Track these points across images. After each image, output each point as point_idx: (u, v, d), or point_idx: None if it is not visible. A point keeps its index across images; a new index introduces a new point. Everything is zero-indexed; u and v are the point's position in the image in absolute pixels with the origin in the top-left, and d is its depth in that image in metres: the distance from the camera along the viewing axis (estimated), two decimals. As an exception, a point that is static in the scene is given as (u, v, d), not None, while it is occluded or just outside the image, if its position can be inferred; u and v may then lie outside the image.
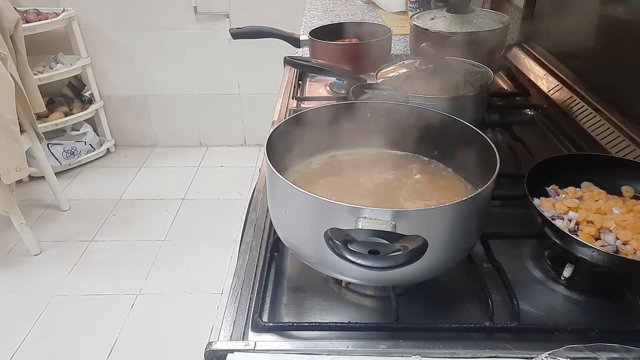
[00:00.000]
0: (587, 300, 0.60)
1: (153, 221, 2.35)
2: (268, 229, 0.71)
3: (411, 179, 0.68)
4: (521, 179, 0.64)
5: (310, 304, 0.60)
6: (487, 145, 0.59)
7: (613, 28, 0.96)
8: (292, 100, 1.13)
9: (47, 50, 2.60)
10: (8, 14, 1.88)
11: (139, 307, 1.86)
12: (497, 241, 0.67)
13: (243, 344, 0.52)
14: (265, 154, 0.57)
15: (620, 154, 0.84)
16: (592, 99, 0.98)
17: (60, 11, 2.42)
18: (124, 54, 2.70)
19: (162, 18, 2.59)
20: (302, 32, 1.38)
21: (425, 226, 0.48)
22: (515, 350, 0.52)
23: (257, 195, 0.79)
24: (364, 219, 0.47)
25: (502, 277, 0.60)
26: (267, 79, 2.70)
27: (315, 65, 1.11)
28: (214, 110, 2.89)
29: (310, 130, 0.68)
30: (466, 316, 0.58)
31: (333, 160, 0.72)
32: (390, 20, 1.70)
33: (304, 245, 0.57)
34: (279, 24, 1.32)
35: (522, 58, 1.27)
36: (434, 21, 1.19)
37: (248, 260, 0.65)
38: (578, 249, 0.56)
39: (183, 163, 2.83)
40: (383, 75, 0.93)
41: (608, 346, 0.49)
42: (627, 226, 0.59)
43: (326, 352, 0.52)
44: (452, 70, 0.92)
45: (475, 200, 0.51)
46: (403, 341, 0.53)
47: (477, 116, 0.91)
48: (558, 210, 0.63)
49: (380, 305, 0.60)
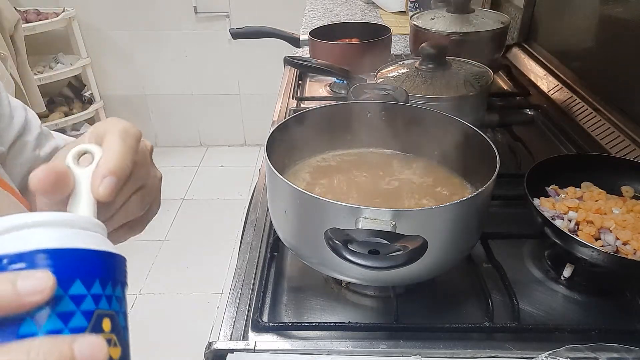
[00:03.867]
0: (587, 300, 0.60)
1: (153, 221, 2.32)
2: (268, 229, 0.70)
3: (411, 179, 0.68)
4: (521, 179, 0.64)
5: (310, 304, 0.60)
6: (487, 145, 0.59)
7: (613, 28, 0.96)
8: (292, 100, 1.13)
9: (47, 50, 2.59)
10: (8, 14, 1.89)
11: (139, 307, 1.86)
12: (497, 241, 0.67)
13: (243, 344, 0.52)
14: (265, 154, 0.57)
15: (620, 154, 0.84)
16: (592, 99, 0.98)
17: (60, 11, 2.42)
18: (124, 54, 2.70)
19: (162, 18, 2.59)
20: (302, 32, 1.38)
21: (425, 226, 0.48)
22: (515, 350, 0.52)
23: (257, 195, 0.79)
24: (364, 219, 0.47)
25: (502, 277, 0.60)
26: (267, 79, 2.70)
27: (315, 65, 1.11)
28: (214, 110, 2.89)
29: (310, 130, 0.68)
30: (466, 316, 0.58)
31: (333, 160, 0.72)
32: (390, 20, 1.70)
33: (304, 245, 0.57)
34: (279, 24, 1.32)
35: (522, 58, 1.27)
36: (434, 21, 1.19)
37: (248, 260, 0.65)
38: (578, 249, 0.56)
39: (183, 163, 2.83)
40: (383, 75, 0.93)
41: (608, 346, 0.49)
42: (627, 226, 0.59)
43: (326, 352, 0.52)
44: (452, 70, 0.92)
45: (475, 200, 0.51)
46: (403, 341, 0.53)
47: (477, 116, 0.91)
48: (558, 210, 0.63)
49: (380, 305, 0.60)
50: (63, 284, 0.24)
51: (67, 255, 0.25)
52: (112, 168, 0.31)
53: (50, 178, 0.30)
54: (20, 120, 0.53)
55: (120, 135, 0.33)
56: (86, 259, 0.26)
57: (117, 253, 0.28)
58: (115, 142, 0.32)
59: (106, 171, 0.31)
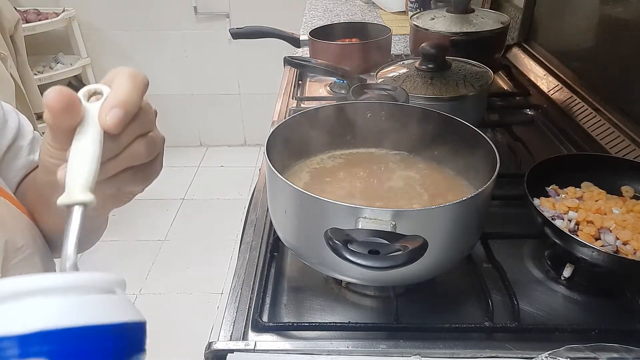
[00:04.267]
0: (587, 300, 0.60)
1: (153, 221, 2.35)
2: (268, 229, 0.70)
3: (411, 179, 0.68)
4: (521, 179, 0.64)
5: (310, 304, 0.60)
6: (487, 145, 0.59)
7: (613, 28, 0.96)
8: (292, 100, 1.13)
9: (47, 50, 2.59)
10: (8, 14, 1.89)
11: (139, 307, 1.85)
12: (497, 241, 0.67)
13: (243, 344, 0.52)
14: (265, 154, 0.57)
15: (620, 154, 0.83)
16: (592, 99, 0.98)
17: (60, 11, 2.42)
18: (124, 54, 2.69)
19: (162, 18, 2.59)
20: (302, 32, 1.38)
21: (425, 226, 0.48)
22: (515, 350, 0.52)
23: (257, 195, 0.79)
24: (364, 219, 0.47)
25: (502, 277, 0.60)
26: (267, 79, 2.69)
27: (315, 65, 1.11)
28: (214, 110, 2.89)
29: (310, 130, 0.68)
30: (466, 316, 0.58)
31: (333, 160, 0.72)
32: (390, 20, 1.70)
33: (304, 245, 0.57)
34: (279, 24, 1.32)
35: (522, 58, 1.27)
36: (434, 21, 1.19)
37: (248, 260, 0.65)
38: (578, 249, 0.56)
39: (183, 163, 2.82)
40: (383, 75, 0.93)
41: (608, 346, 0.49)
42: (627, 226, 0.59)
43: (326, 352, 0.52)
44: (452, 70, 0.92)
45: (475, 200, 0.51)
46: (403, 341, 0.53)
47: (477, 116, 0.91)
48: (558, 210, 0.63)
49: (380, 305, 0.60)
50: None
51: (76, 336, 0.21)
52: (120, 100, 0.32)
53: (64, 97, 0.31)
54: (14, 124, 0.53)
55: (129, 76, 0.34)
56: (98, 338, 0.22)
57: (136, 321, 0.25)
58: (124, 80, 0.34)
59: (114, 102, 0.32)
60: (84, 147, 0.32)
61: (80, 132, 0.32)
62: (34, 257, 0.44)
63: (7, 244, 0.41)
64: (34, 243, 0.45)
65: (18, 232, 0.43)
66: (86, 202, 0.31)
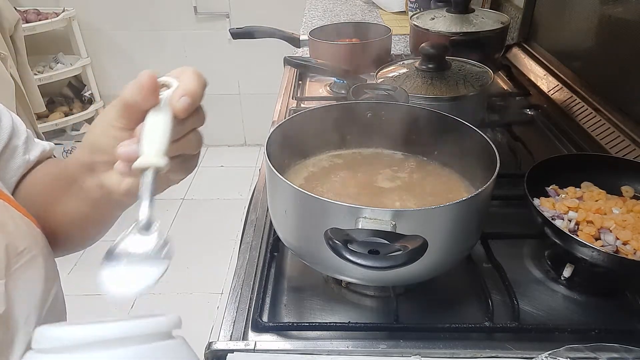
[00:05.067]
0: (587, 300, 0.60)
1: (153, 221, 2.34)
2: (268, 229, 0.70)
3: (411, 179, 0.68)
4: (521, 179, 0.64)
5: (310, 304, 0.60)
6: (487, 145, 0.59)
7: (613, 28, 0.96)
8: (292, 100, 1.13)
9: (47, 50, 2.59)
10: (8, 14, 1.88)
11: (139, 307, 1.86)
12: (497, 241, 0.67)
13: (243, 344, 0.52)
14: (265, 154, 0.57)
15: (620, 154, 0.83)
16: (592, 99, 0.98)
17: (60, 11, 2.42)
18: (124, 54, 2.70)
19: (162, 18, 2.59)
20: (302, 32, 1.38)
21: (425, 226, 0.48)
22: (515, 350, 0.52)
23: (257, 195, 0.79)
24: (364, 219, 0.47)
25: (502, 277, 0.60)
26: (267, 79, 2.69)
27: (315, 65, 1.11)
28: (214, 110, 2.86)
29: (310, 130, 0.68)
30: (466, 316, 0.58)
31: (333, 160, 0.72)
32: (390, 20, 1.70)
33: (304, 245, 0.57)
34: (279, 24, 1.32)
35: (522, 58, 1.27)
36: (434, 21, 1.19)
37: (248, 260, 0.65)
38: (578, 249, 0.56)
39: (183, 163, 2.82)
40: (383, 75, 0.93)
41: (608, 346, 0.49)
42: (627, 226, 0.59)
43: (326, 352, 0.52)
44: (452, 70, 0.92)
45: (475, 200, 0.51)
46: (403, 341, 0.53)
47: (477, 116, 0.91)
48: (558, 210, 0.63)
49: (380, 305, 0.60)
50: None
51: None
52: (189, 91, 0.38)
53: (153, 80, 0.37)
54: (8, 124, 0.53)
55: (194, 73, 0.40)
56: None
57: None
58: (191, 76, 0.39)
59: (184, 92, 0.38)
60: (158, 121, 0.37)
61: (153, 113, 0.38)
62: (37, 259, 0.44)
63: (8, 248, 0.40)
64: (36, 245, 0.45)
65: (19, 235, 0.43)
66: (161, 165, 0.36)
